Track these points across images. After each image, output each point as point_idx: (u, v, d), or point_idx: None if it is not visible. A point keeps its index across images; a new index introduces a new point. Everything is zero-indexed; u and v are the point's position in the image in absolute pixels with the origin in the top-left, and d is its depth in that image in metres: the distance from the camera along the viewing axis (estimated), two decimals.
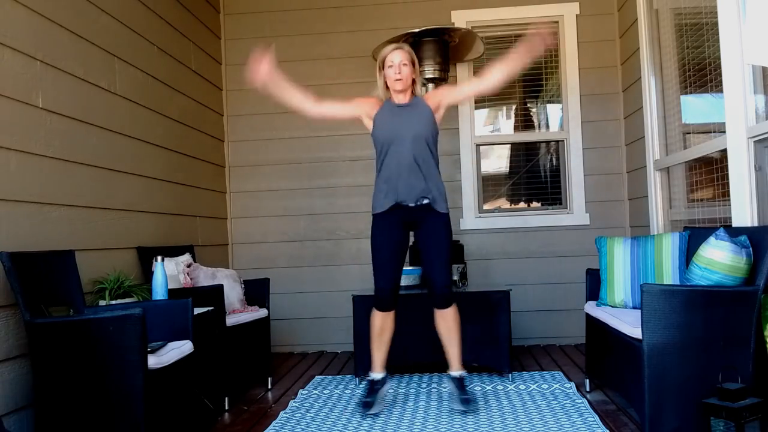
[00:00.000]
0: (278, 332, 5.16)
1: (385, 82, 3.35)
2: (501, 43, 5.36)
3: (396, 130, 3.29)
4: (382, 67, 3.34)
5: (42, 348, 2.55)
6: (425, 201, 3.32)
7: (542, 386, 3.83)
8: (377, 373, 3.47)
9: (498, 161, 5.56)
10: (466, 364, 4.16)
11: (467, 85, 3.34)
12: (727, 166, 3.29)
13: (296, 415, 3.46)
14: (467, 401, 3.30)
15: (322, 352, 5.26)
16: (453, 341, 3.40)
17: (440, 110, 3.39)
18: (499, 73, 3.23)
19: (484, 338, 4.09)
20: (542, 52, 3.11)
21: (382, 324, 3.41)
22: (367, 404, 3.35)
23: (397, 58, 3.29)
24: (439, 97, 3.39)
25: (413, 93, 3.38)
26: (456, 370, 3.43)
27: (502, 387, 3.87)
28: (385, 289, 3.36)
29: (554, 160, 5.40)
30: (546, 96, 5.47)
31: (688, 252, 3.34)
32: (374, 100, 3.41)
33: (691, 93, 4.06)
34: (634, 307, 3.41)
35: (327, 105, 3.41)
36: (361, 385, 4.01)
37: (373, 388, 3.43)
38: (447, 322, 3.37)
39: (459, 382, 3.39)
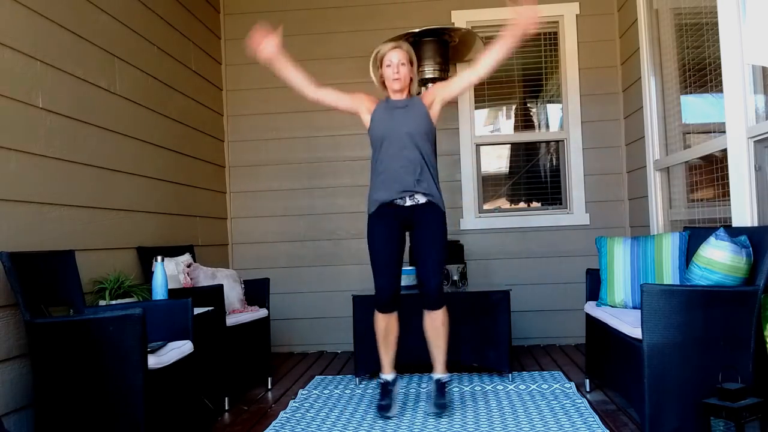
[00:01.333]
0: (278, 332, 5.17)
1: (382, 80, 3.32)
2: None
3: (391, 128, 3.25)
4: (380, 65, 3.31)
5: (42, 348, 2.55)
6: (420, 198, 3.27)
7: (542, 386, 3.83)
8: (388, 375, 3.42)
9: (498, 161, 5.55)
10: (466, 364, 4.18)
11: (459, 77, 3.28)
12: (727, 166, 3.29)
13: (296, 415, 3.46)
14: (442, 406, 3.25)
15: (322, 352, 5.26)
16: (440, 343, 3.34)
17: (435, 106, 3.30)
18: (489, 59, 3.14)
19: (484, 338, 4.09)
20: (528, 34, 3.05)
21: (386, 326, 3.36)
22: (384, 407, 3.29)
23: (396, 57, 3.25)
24: (433, 95, 3.33)
25: (410, 92, 3.36)
26: (438, 373, 3.37)
27: (502, 387, 3.87)
28: (385, 289, 3.30)
29: (554, 160, 5.40)
30: (546, 96, 5.47)
31: (688, 252, 3.34)
32: (374, 98, 3.39)
33: (691, 93, 4.06)
34: (634, 307, 3.41)
35: (328, 92, 3.37)
36: (361, 385, 4.02)
37: (387, 389, 3.38)
38: (435, 323, 3.32)
39: (440, 385, 3.34)
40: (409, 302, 4.16)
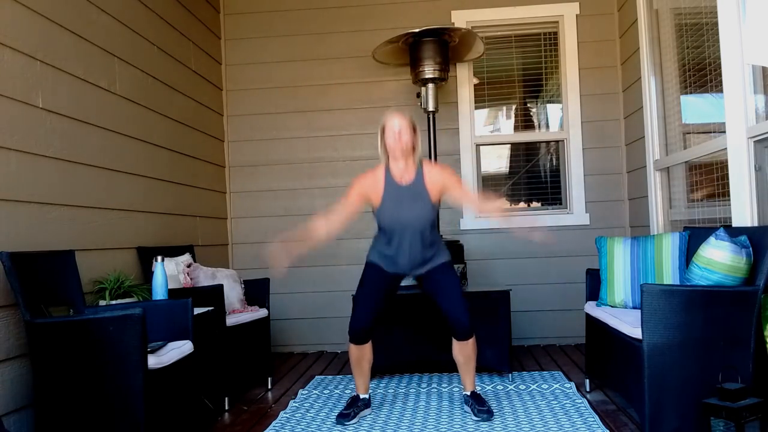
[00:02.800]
0: (278, 332, 5.17)
1: (385, 149, 3.33)
2: (501, 43, 5.37)
3: (399, 218, 3.28)
4: (383, 133, 3.31)
5: (42, 348, 2.55)
6: (425, 268, 3.35)
7: (542, 386, 3.83)
8: (362, 394, 3.44)
9: (498, 161, 5.56)
10: None
11: (471, 195, 3.41)
12: (727, 165, 3.29)
13: (296, 415, 3.46)
14: (489, 411, 3.27)
15: (322, 352, 5.26)
16: (470, 367, 3.41)
17: (438, 196, 3.33)
18: (497, 213, 3.50)
19: (484, 338, 4.08)
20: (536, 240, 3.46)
21: (359, 355, 3.38)
22: (344, 415, 3.30)
23: (397, 124, 3.25)
24: (442, 186, 3.31)
25: (413, 160, 3.33)
26: (470, 389, 3.42)
27: (502, 387, 3.87)
28: (360, 320, 3.33)
29: (554, 160, 5.40)
30: (546, 96, 5.47)
31: (688, 252, 3.34)
32: (373, 174, 3.36)
33: (691, 93, 4.06)
34: (634, 307, 3.41)
35: (335, 213, 3.35)
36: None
37: (356, 403, 3.39)
38: (466, 352, 3.37)
39: (476, 398, 3.37)
40: (406, 303, 4.17)
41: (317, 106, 5.37)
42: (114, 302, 3.20)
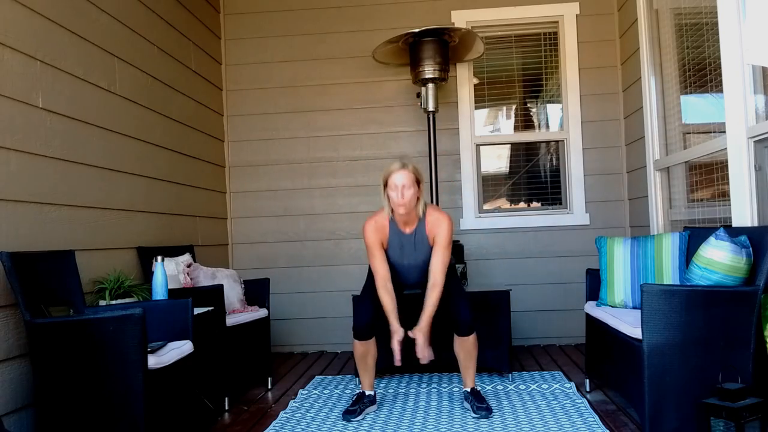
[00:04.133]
0: (278, 332, 5.17)
1: (389, 199, 3.34)
2: (501, 43, 5.37)
3: (402, 262, 3.48)
4: (386, 185, 3.32)
5: (42, 348, 2.55)
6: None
7: (542, 386, 3.83)
8: (368, 390, 3.50)
9: (498, 161, 5.56)
10: None
11: (440, 264, 3.36)
12: (727, 165, 3.29)
13: (296, 415, 3.46)
14: (487, 409, 3.31)
15: (322, 352, 5.26)
16: (471, 364, 3.46)
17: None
18: (430, 304, 3.31)
19: (484, 338, 4.08)
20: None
21: (363, 350, 3.44)
22: (350, 411, 3.35)
23: (400, 180, 3.25)
24: (433, 235, 3.37)
25: (417, 211, 3.35)
26: (470, 385, 3.47)
27: (502, 387, 3.87)
28: (362, 324, 3.40)
29: (554, 160, 5.40)
30: (546, 96, 5.47)
31: (688, 252, 3.34)
32: (379, 223, 3.40)
33: (691, 93, 4.06)
34: (634, 307, 3.42)
35: (386, 274, 3.39)
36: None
37: (362, 400, 3.44)
38: (467, 347, 3.43)
39: (476, 395, 3.42)
40: (408, 303, 4.16)
41: (317, 106, 5.37)
42: (114, 302, 3.20)
